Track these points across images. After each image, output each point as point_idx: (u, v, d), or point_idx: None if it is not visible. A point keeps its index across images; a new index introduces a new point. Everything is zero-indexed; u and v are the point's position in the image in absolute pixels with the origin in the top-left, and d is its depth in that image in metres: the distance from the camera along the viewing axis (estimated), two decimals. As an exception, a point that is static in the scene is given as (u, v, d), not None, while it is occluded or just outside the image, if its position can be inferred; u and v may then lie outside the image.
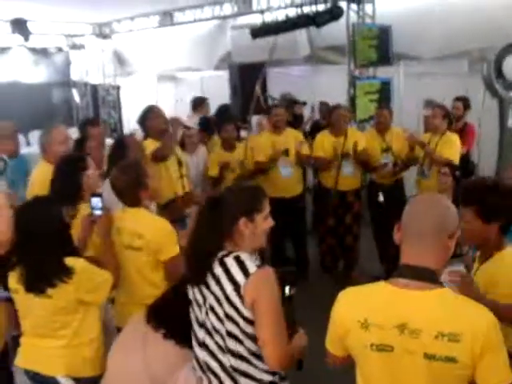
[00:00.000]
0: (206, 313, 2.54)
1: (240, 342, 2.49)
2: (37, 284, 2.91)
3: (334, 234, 6.66)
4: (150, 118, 5.51)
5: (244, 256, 2.50)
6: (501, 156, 7.48)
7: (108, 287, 3.12)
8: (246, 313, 2.44)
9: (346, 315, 2.14)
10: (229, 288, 2.45)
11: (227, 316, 2.47)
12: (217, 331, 2.51)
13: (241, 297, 2.43)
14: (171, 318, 2.84)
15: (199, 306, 2.59)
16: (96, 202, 3.32)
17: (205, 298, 2.55)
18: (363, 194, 7.06)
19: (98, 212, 3.33)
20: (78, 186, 3.69)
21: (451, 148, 6.13)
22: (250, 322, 2.46)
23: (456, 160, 6.03)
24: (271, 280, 2.48)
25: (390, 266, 5.73)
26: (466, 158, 6.82)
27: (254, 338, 2.48)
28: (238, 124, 7.41)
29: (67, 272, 2.90)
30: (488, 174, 7.67)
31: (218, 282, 2.48)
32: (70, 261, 2.94)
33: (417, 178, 6.49)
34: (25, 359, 3.15)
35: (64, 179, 3.74)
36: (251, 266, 2.45)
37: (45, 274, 2.90)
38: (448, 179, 5.47)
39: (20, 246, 2.97)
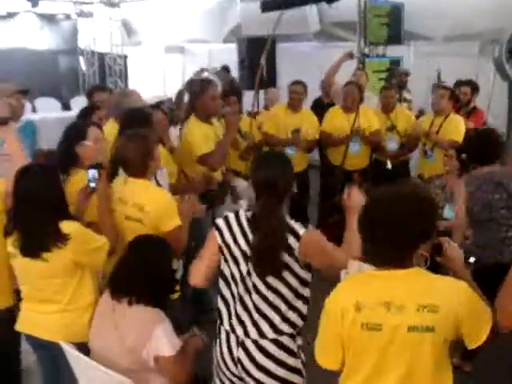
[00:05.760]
0: (248, 272, 2.67)
1: (290, 305, 2.66)
2: (32, 248, 2.91)
3: (338, 211, 6.56)
4: (207, 97, 4.82)
5: (288, 218, 2.67)
6: (509, 139, 7.43)
7: (104, 252, 3.08)
8: (302, 274, 2.65)
9: None
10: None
11: (280, 278, 2.62)
12: (257, 290, 2.66)
13: (296, 259, 2.59)
14: (129, 283, 2.86)
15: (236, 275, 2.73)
16: (92, 173, 3.27)
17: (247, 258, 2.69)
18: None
19: (92, 184, 3.27)
20: (70, 155, 3.58)
21: (456, 130, 6.08)
22: (305, 284, 2.68)
23: (460, 141, 5.96)
24: (318, 236, 2.69)
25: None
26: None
27: (304, 299, 2.71)
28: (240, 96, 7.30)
29: (62, 237, 2.89)
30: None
31: None
32: (65, 225, 2.92)
33: (420, 159, 6.44)
34: (24, 324, 3.16)
35: (60, 147, 3.69)
36: (299, 228, 2.61)
37: (39, 238, 2.90)
38: (453, 162, 5.43)
39: (16, 211, 2.96)
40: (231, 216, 2.77)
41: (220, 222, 2.78)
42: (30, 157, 4.95)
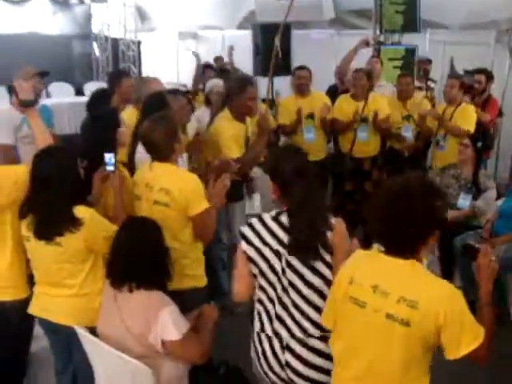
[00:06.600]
0: (283, 270, 2.68)
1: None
2: (45, 232, 2.92)
3: (352, 200, 6.53)
4: (246, 97, 4.61)
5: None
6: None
7: None
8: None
9: None
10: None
11: (313, 269, 2.64)
12: (294, 287, 2.67)
13: (328, 247, 2.64)
14: (123, 267, 2.84)
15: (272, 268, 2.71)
16: (109, 157, 3.25)
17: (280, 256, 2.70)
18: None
19: (110, 168, 3.26)
20: (111, 143, 3.47)
21: (467, 118, 6.04)
22: None
23: (472, 130, 5.93)
24: (345, 229, 2.73)
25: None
26: (486, 131, 6.69)
27: None
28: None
29: (75, 222, 2.89)
30: (510, 147, 7.62)
31: None
32: (79, 210, 2.93)
33: (432, 149, 6.39)
34: (37, 308, 3.17)
35: (99, 135, 3.55)
36: (330, 217, 2.69)
37: (52, 222, 2.90)
38: (468, 150, 5.41)
39: (32, 193, 2.96)
40: (254, 221, 2.79)
41: (245, 229, 2.80)
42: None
